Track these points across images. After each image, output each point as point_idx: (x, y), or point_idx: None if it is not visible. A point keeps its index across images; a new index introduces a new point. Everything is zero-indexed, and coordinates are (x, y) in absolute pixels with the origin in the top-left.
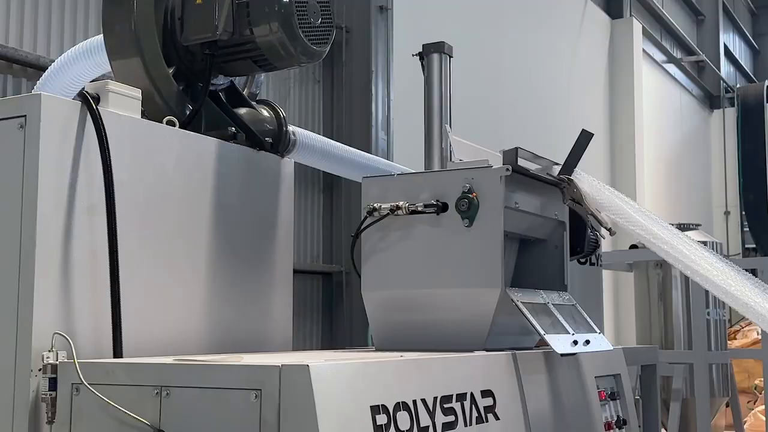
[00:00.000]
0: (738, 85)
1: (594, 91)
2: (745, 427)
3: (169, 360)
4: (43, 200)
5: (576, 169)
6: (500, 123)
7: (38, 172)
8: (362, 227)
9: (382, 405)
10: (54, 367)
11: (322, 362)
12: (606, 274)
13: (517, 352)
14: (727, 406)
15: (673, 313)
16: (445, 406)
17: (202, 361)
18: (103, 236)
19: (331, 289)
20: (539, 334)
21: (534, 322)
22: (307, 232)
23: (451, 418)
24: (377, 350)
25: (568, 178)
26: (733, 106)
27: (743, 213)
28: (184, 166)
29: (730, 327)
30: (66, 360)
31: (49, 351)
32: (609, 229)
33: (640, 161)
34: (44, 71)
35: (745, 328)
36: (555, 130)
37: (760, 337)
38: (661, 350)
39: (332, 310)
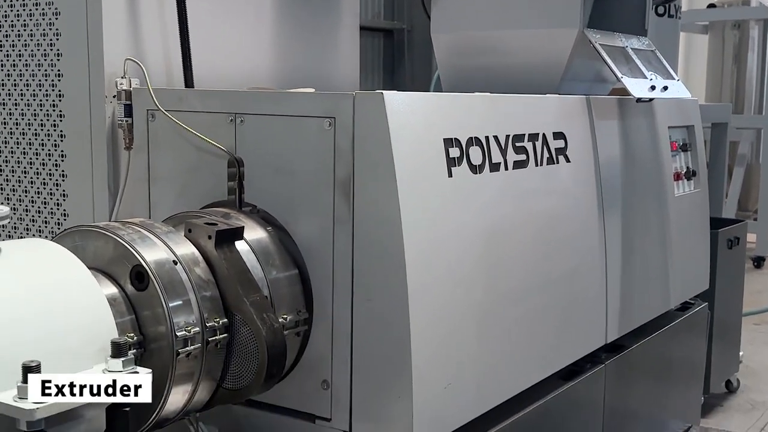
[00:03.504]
0: None
1: None
2: None
3: (242, 89)
4: None
5: None
6: None
7: None
8: None
9: (455, 138)
10: (128, 94)
11: (395, 93)
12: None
13: (591, 96)
14: None
15: (747, 76)
16: (517, 144)
17: (276, 90)
18: None
19: (392, 47)
20: (616, 77)
21: (611, 65)
22: None
23: (522, 157)
24: None
25: None
26: None
27: None
28: None
29: None
30: (139, 87)
31: (122, 77)
32: None
33: None
34: None
35: None
36: None
37: None
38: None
39: (393, 70)
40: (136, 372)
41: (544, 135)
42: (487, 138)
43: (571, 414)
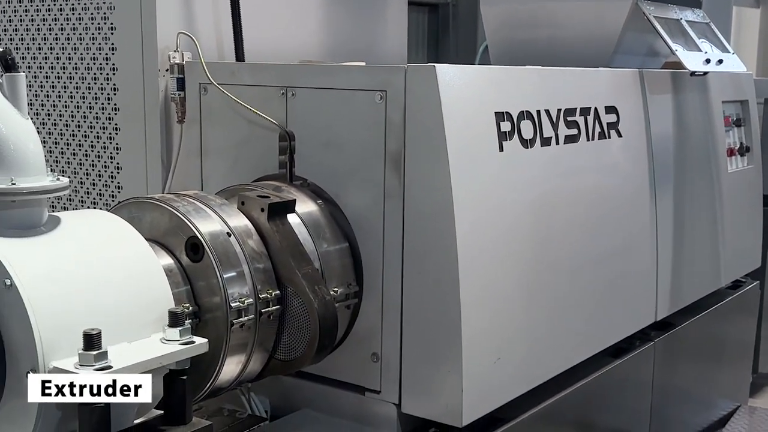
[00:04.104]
0: None
1: None
2: None
3: (293, 62)
4: None
5: None
6: None
7: None
8: None
9: (506, 112)
10: (181, 67)
11: (447, 66)
12: None
13: (644, 70)
14: None
15: None
16: (569, 119)
17: (328, 63)
18: None
19: (437, 22)
20: (671, 49)
21: (666, 37)
22: None
23: (574, 131)
24: None
25: None
26: None
27: None
28: None
29: None
30: (192, 60)
31: (175, 51)
32: None
33: None
34: None
35: None
36: None
37: None
38: None
39: (438, 45)
40: (193, 341)
41: (596, 109)
42: (538, 112)
43: (619, 391)
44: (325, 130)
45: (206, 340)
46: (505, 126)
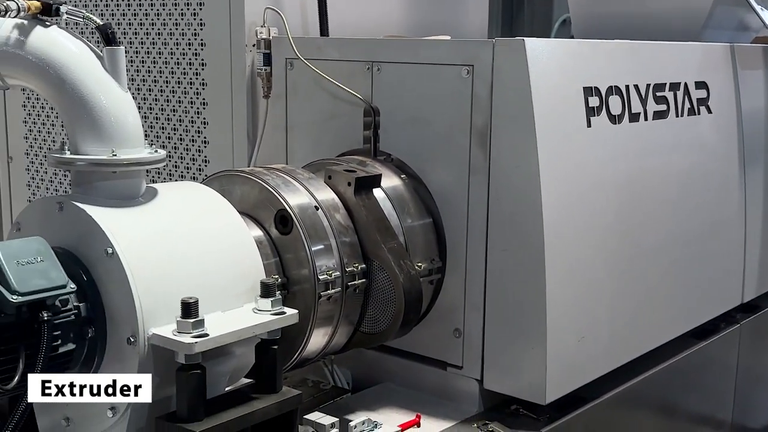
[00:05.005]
0: None
1: None
2: None
3: (379, 37)
4: None
5: None
6: None
7: None
8: None
9: (594, 87)
10: (267, 43)
11: (536, 39)
12: None
13: (735, 45)
14: None
15: None
16: (658, 94)
17: (413, 38)
18: None
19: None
20: (764, 23)
21: (758, 10)
22: None
23: (663, 107)
24: None
25: None
26: None
27: None
28: None
29: None
30: (278, 36)
31: (262, 26)
32: None
33: None
34: None
35: None
36: None
37: None
38: None
39: (512, 20)
40: (284, 312)
41: (685, 84)
42: (627, 87)
43: (702, 374)
44: (410, 105)
45: (296, 311)
46: (593, 101)
